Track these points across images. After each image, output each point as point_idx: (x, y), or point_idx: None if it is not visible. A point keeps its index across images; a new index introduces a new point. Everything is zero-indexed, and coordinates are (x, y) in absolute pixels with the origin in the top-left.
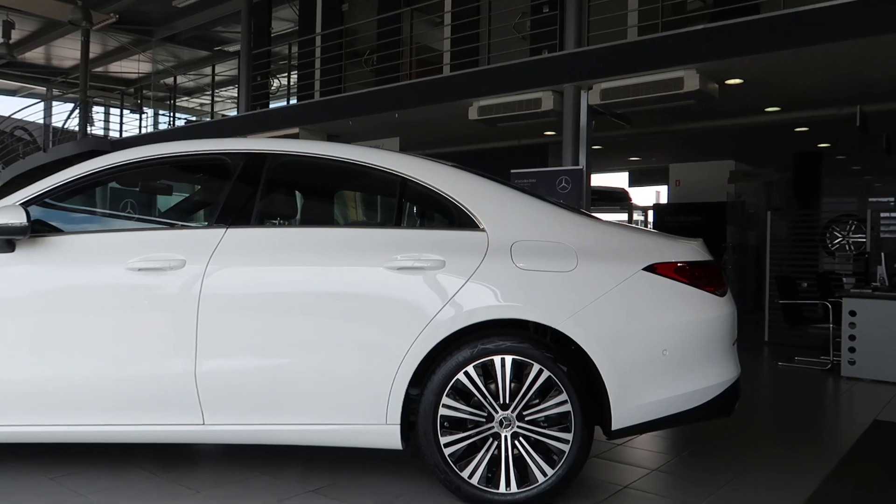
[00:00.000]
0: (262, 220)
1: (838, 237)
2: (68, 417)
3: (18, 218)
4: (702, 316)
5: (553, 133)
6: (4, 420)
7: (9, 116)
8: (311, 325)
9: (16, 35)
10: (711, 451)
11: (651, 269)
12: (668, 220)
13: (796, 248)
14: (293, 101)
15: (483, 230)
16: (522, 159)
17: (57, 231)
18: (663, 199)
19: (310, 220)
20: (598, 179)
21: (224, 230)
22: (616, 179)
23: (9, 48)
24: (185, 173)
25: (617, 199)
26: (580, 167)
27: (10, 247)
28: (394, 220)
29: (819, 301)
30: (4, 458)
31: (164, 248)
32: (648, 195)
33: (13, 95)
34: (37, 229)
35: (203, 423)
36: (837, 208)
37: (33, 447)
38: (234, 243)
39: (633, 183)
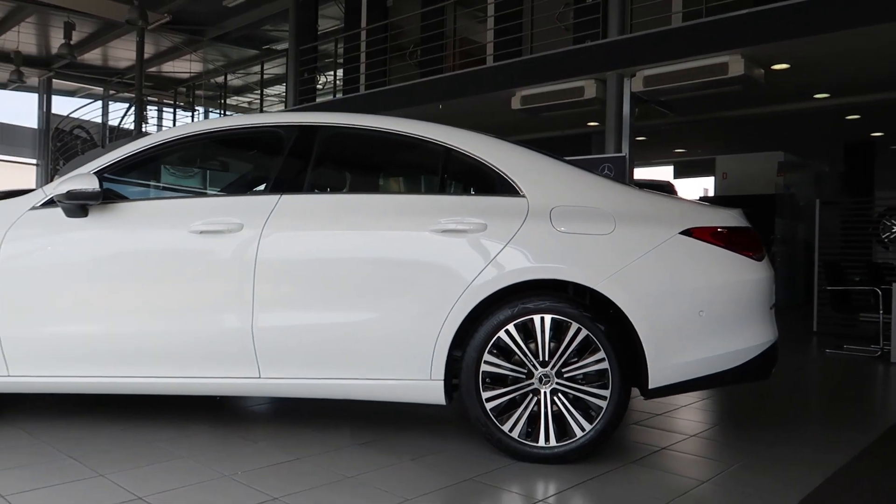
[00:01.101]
0: (314, 188)
1: (894, 228)
2: (135, 370)
3: (91, 185)
4: (738, 278)
5: (596, 123)
6: (80, 371)
7: (68, 116)
8: (360, 284)
9: (76, 37)
10: (750, 422)
11: (688, 233)
12: None
13: (847, 240)
14: (339, 96)
15: (523, 196)
16: (565, 150)
17: (124, 198)
18: (710, 193)
19: (358, 187)
20: (643, 172)
21: (278, 196)
22: (661, 172)
23: (70, 49)
24: (242, 144)
25: (662, 192)
26: (623, 154)
27: (83, 212)
28: (438, 187)
29: (870, 288)
30: (79, 409)
31: (224, 213)
32: (695, 188)
33: (72, 96)
34: (107, 196)
35: (259, 377)
36: (891, 199)
37: (104, 400)
38: (287, 209)
39: (678, 175)
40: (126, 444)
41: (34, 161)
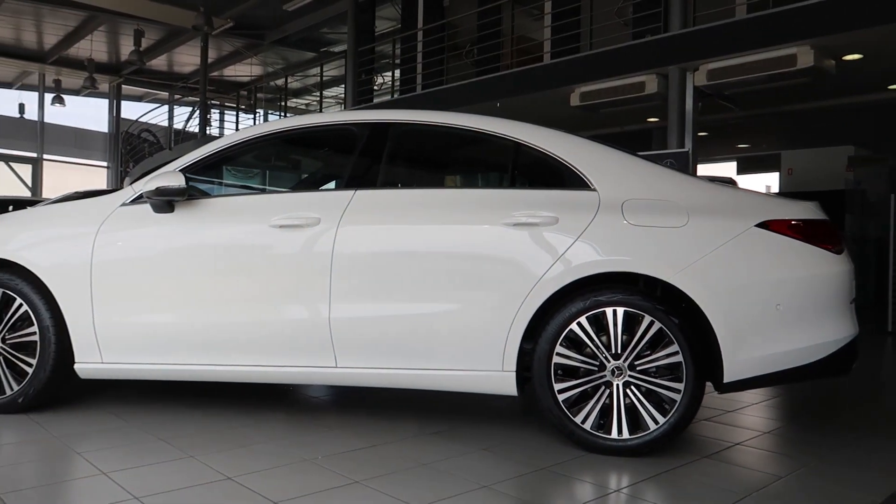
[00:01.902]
0: (387, 183)
1: None
2: (218, 358)
3: (178, 181)
4: (817, 272)
5: (656, 119)
6: (167, 359)
7: (137, 120)
8: (433, 277)
9: (144, 44)
10: (823, 421)
11: (764, 225)
12: None
13: None
14: (396, 96)
15: (594, 190)
16: (624, 146)
17: (206, 194)
18: (774, 189)
19: (430, 182)
20: (705, 169)
21: (353, 192)
22: (724, 169)
23: (139, 55)
24: (316, 142)
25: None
26: (686, 150)
27: (170, 207)
28: (509, 181)
29: None
30: (160, 396)
31: (302, 208)
32: (758, 185)
33: (139, 101)
34: (190, 193)
35: (336, 366)
36: None
37: (179, 386)
38: (362, 203)
39: (741, 171)
40: (209, 429)
41: (105, 164)
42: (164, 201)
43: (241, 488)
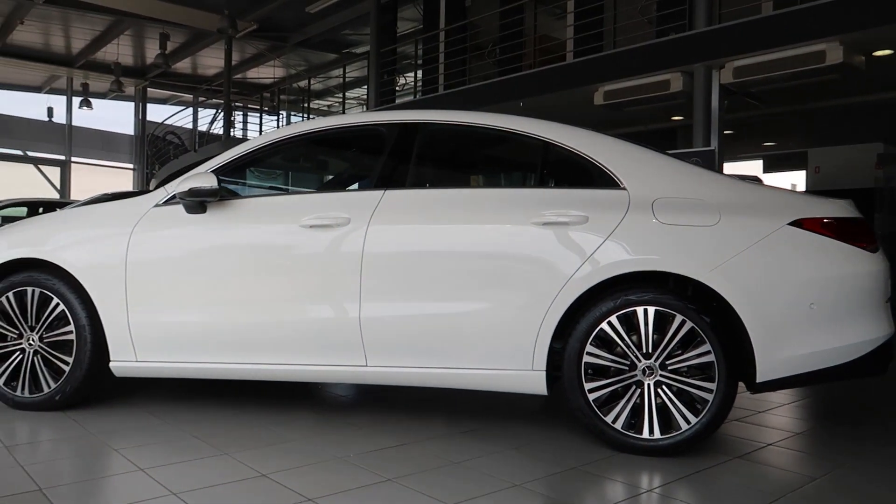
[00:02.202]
0: (416, 183)
1: None
2: (249, 357)
3: (210, 182)
4: (851, 270)
5: (681, 117)
6: (199, 357)
7: (162, 123)
8: (463, 276)
9: (169, 47)
10: (857, 422)
11: (797, 224)
12: None
13: None
14: (419, 97)
15: (624, 189)
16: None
17: (238, 195)
18: (801, 188)
19: (459, 182)
20: (730, 168)
21: (383, 192)
22: (750, 167)
23: (165, 58)
24: (345, 143)
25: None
26: (712, 148)
27: (202, 208)
28: (538, 181)
29: None
30: (194, 395)
31: (332, 208)
32: (784, 183)
33: (164, 103)
34: (222, 194)
35: (366, 365)
36: None
37: (210, 384)
38: (392, 203)
39: (767, 170)
40: (242, 427)
41: (131, 166)
42: (197, 202)
43: (276, 485)
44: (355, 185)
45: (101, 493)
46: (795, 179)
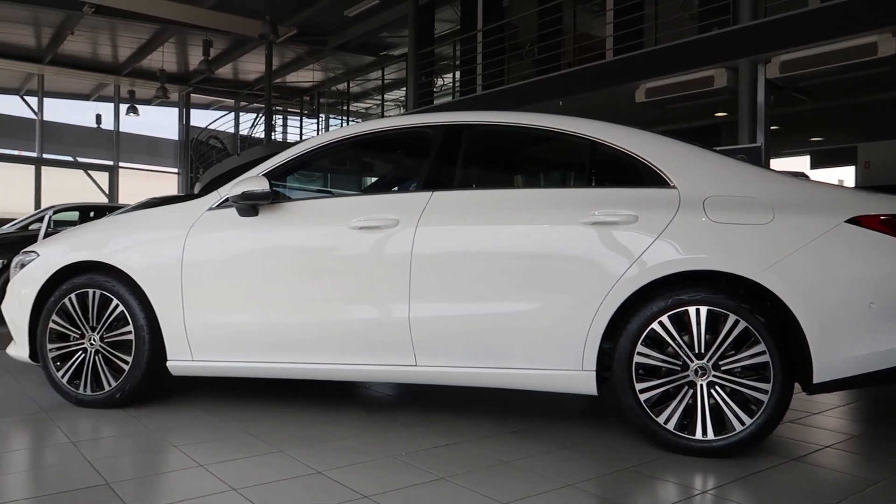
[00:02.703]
0: (463, 184)
1: None
2: (301, 356)
3: (262, 186)
4: None
5: (725, 114)
6: (252, 357)
7: (206, 128)
8: (512, 276)
9: (211, 53)
10: None
11: (855, 221)
12: None
13: None
14: (457, 98)
15: (674, 187)
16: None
17: (289, 198)
18: (849, 184)
19: (506, 182)
20: (777, 164)
21: (430, 193)
22: (797, 164)
23: (208, 64)
24: (391, 145)
25: None
26: (758, 144)
27: (254, 211)
28: (585, 180)
29: None
30: (248, 393)
31: (381, 210)
32: (833, 179)
33: (206, 108)
34: (273, 197)
35: (416, 365)
36: None
37: (272, 386)
38: (439, 204)
39: (814, 166)
40: (294, 425)
41: (175, 170)
42: (249, 205)
43: (331, 482)
44: (402, 186)
45: (164, 487)
46: (843, 175)
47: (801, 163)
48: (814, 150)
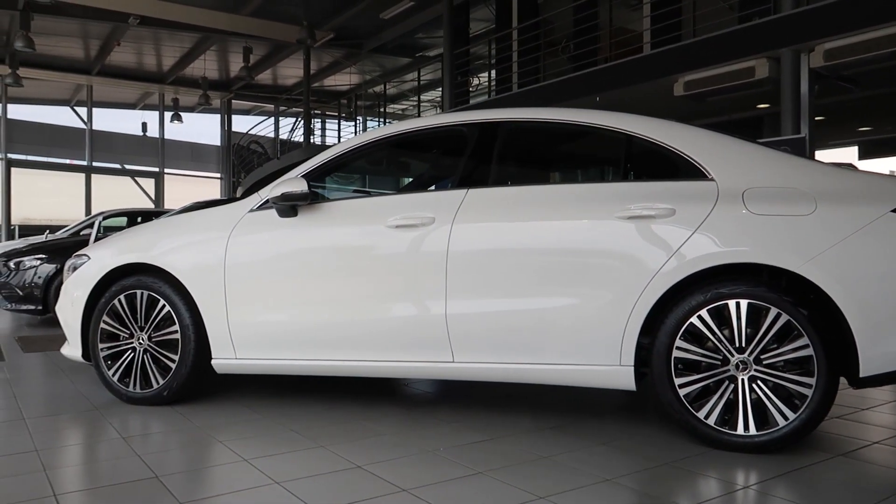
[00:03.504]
0: (499, 181)
1: None
2: (340, 354)
3: (301, 187)
4: None
5: (767, 105)
6: (293, 354)
7: (246, 133)
8: (549, 272)
9: (252, 60)
10: None
11: None
12: None
13: None
14: (493, 97)
15: (712, 179)
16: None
17: (327, 198)
18: None
19: (541, 178)
20: (822, 156)
21: (466, 190)
22: (844, 155)
23: (248, 71)
24: (427, 144)
25: None
26: (802, 136)
27: (293, 212)
28: (621, 175)
29: None
30: (288, 390)
31: (417, 208)
32: (883, 170)
33: (247, 114)
34: (312, 198)
35: (453, 361)
36: None
37: (311, 383)
38: (475, 201)
39: (863, 156)
40: (335, 421)
41: (218, 175)
42: (289, 206)
43: (371, 476)
44: (438, 185)
45: (211, 481)
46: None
47: (849, 153)
48: (861, 141)
